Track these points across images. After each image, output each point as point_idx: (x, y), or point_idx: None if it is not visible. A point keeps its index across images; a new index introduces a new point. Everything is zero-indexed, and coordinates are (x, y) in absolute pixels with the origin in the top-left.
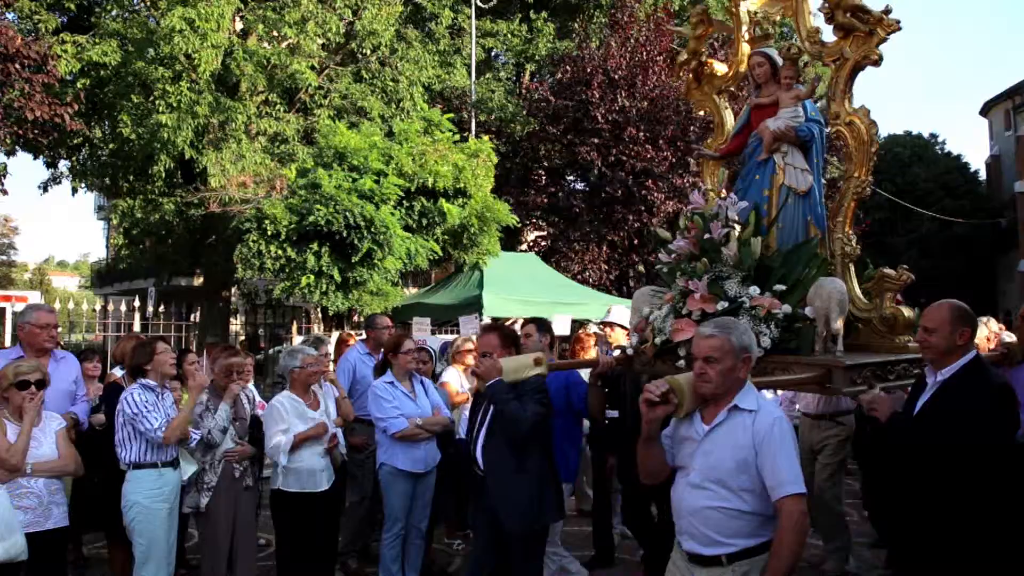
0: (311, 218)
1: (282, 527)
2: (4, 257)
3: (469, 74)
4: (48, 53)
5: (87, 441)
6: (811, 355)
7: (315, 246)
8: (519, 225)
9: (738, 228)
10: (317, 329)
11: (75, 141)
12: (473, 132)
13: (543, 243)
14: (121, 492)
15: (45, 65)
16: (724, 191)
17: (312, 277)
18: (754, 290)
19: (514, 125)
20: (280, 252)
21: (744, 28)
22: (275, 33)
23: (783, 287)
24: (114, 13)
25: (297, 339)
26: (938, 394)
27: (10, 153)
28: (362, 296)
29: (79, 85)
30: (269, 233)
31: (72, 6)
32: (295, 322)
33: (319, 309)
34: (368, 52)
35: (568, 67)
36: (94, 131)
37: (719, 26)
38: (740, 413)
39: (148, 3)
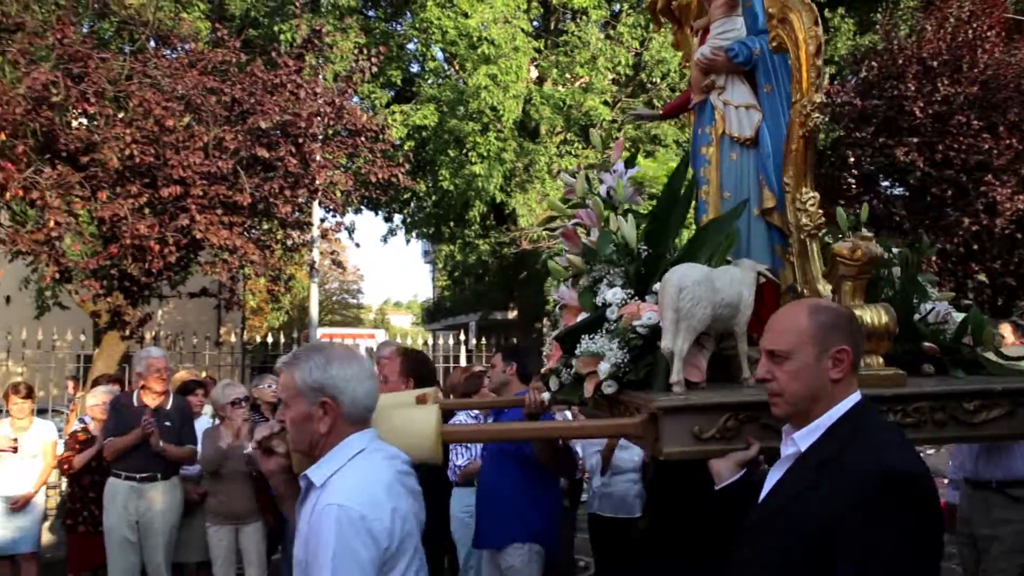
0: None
1: (597, 551)
2: (354, 300)
3: None
4: (384, 124)
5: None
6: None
7: None
8: (831, 240)
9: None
10: None
11: (405, 196)
12: None
13: None
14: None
15: (382, 134)
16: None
17: None
18: (615, 293)
19: (818, 134)
20: None
21: None
22: (568, 75)
23: None
24: (430, 81)
25: None
26: (786, 482)
27: (357, 211)
28: None
29: (406, 147)
30: None
31: (398, 81)
32: None
33: None
34: (658, 80)
35: (874, 63)
36: (419, 186)
37: None
38: (311, 489)
39: (457, 67)
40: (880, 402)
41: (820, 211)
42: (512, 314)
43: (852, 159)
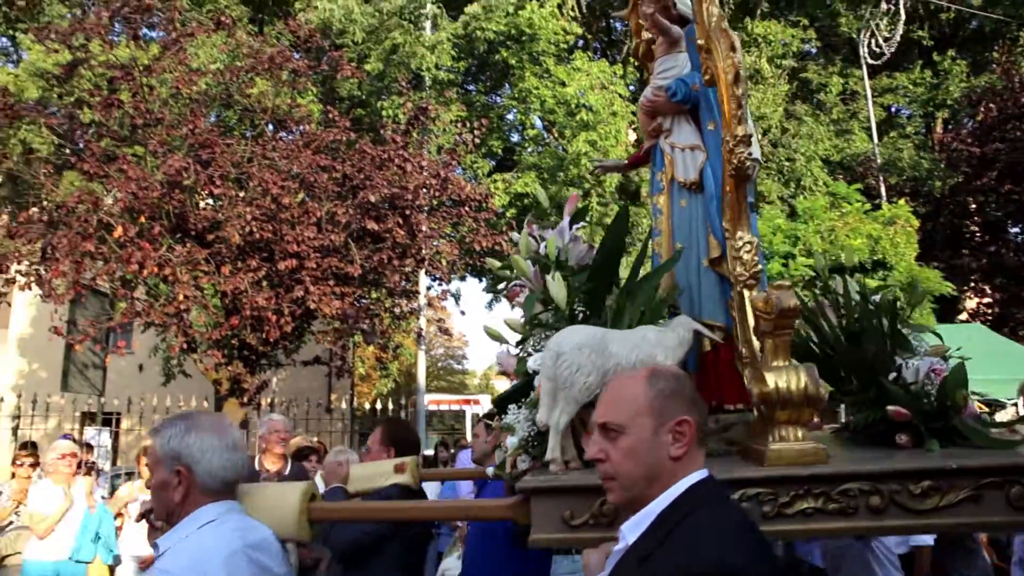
0: None
1: None
2: (459, 366)
3: (870, 137)
4: (486, 193)
5: None
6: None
7: None
8: (955, 293)
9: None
10: None
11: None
12: (884, 197)
13: (990, 311)
14: None
15: (485, 203)
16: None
17: None
18: (535, 359)
19: (932, 182)
20: None
21: None
22: None
23: None
24: (530, 149)
25: None
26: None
27: (462, 279)
28: None
29: (508, 215)
30: None
31: (499, 150)
32: None
33: None
34: (759, 136)
35: (992, 104)
36: None
37: None
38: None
39: (556, 134)
40: (794, 483)
41: (757, 258)
42: None
43: (974, 206)
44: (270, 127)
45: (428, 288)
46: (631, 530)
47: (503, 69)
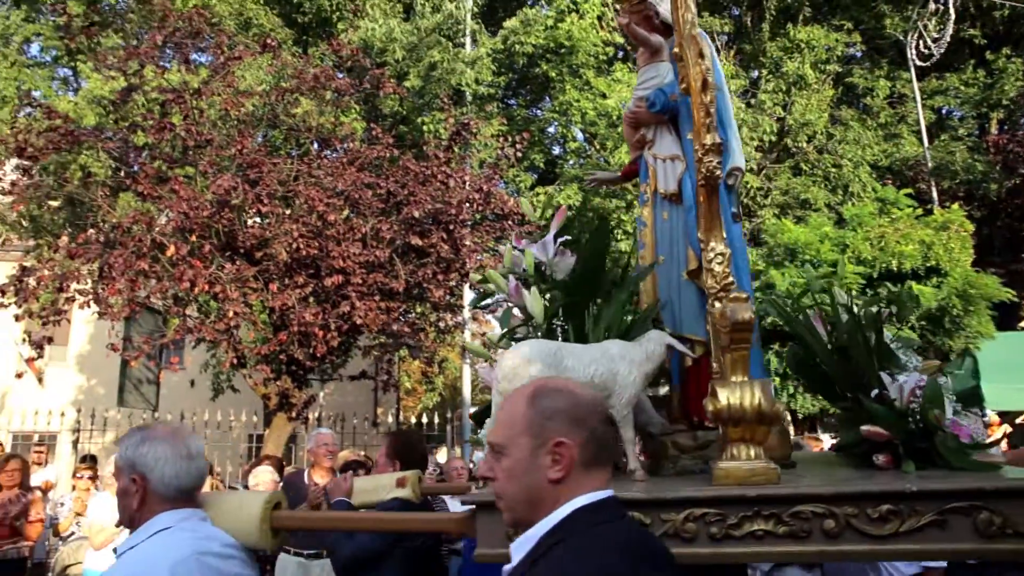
0: (768, 319)
1: None
2: None
3: (920, 141)
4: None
5: None
6: None
7: (776, 347)
8: (1015, 299)
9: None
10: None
11: None
12: (936, 202)
13: None
14: None
15: (526, 217)
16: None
17: (777, 380)
18: None
19: (987, 185)
20: None
21: None
22: None
23: None
24: (572, 162)
25: None
26: None
27: None
28: None
29: None
30: None
31: (540, 163)
32: None
33: (787, 412)
34: (804, 143)
35: None
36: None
37: None
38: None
39: (598, 146)
40: (743, 504)
41: (728, 270)
42: (663, 390)
43: None
44: (315, 146)
45: (472, 302)
46: (516, 550)
47: (543, 82)
